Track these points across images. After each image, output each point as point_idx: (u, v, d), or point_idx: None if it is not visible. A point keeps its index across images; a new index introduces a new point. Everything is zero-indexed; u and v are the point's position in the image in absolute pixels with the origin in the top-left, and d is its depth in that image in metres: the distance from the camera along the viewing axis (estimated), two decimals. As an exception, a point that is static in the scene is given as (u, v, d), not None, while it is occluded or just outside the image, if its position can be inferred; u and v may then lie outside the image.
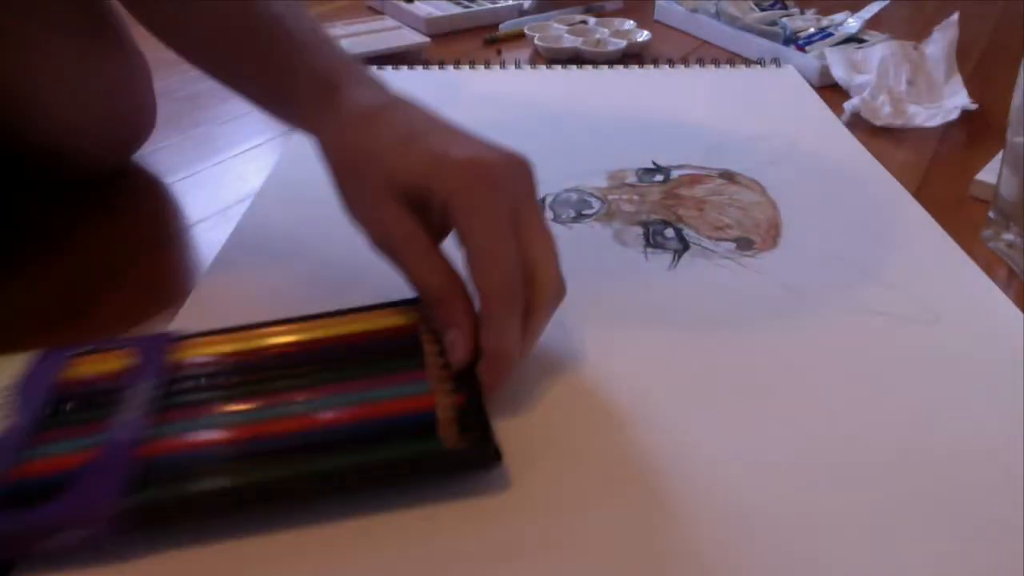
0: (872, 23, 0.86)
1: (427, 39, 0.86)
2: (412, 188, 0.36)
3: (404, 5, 0.94)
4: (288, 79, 0.42)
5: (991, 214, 0.54)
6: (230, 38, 0.44)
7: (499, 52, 0.87)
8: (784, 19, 0.88)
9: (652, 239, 0.52)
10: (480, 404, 0.36)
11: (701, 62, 0.82)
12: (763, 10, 0.90)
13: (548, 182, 0.44)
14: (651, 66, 0.82)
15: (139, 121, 0.59)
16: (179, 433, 0.34)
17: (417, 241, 0.37)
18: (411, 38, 0.86)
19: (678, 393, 0.40)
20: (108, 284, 0.49)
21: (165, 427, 0.34)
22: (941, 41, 0.75)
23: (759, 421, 0.38)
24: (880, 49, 0.75)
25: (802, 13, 0.91)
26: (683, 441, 0.37)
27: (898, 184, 0.60)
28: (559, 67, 0.81)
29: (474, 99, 0.74)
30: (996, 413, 0.39)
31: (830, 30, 0.86)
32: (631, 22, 0.91)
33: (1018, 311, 0.46)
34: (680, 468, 0.35)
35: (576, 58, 0.84)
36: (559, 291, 0.37)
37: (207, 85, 0.47)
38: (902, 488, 0.35)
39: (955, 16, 0.75)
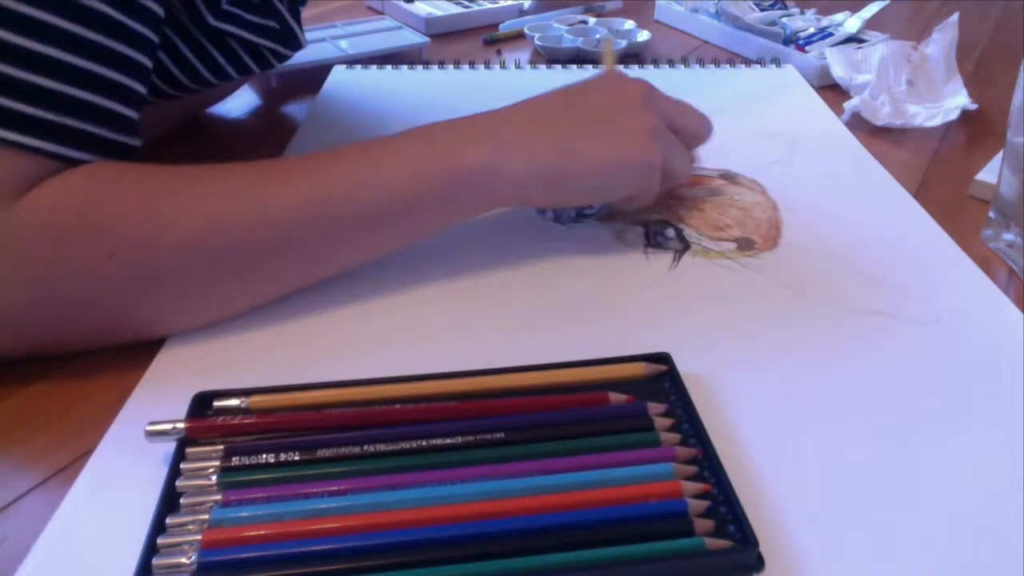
0: (872, 23, 0.86)
1: (427, 39, 0.86)
2: None
3: (404, 5, 0.94)
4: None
5: (991, 214, 0.54)
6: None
7: (499, 52, 0.87)
8: (784, 19, 0.88)
9: (653, 239, 0.52)
10: (730, 492, 0.33)
11: (701, 62, 0.82)
12: (763, 10, 0.90)
13: (548, 182, 0.44)
14: (651, 66, 0.82)
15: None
16: (372, 508, 0.32)
17: None
18: (411, 38, 0.86)
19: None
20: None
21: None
22: (941, 41, 0.75)
23: (760, 420, 0.38)
24: (880, 49, 0.75)
25: (802, 13, 0.91)
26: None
27: (898, 184, 0.60)
28: (559, 67, 0.81)
29: (474, 99, 0.74)
30: (996, 413, 0.39)
31: (830, 30, 0.86)
32: (631, 22, 0.91)
33: (1018, 311, 0.46)
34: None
35: (576, 58, 0.84)
36: None
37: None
38: (901, 487, 0.35)
39: (955, 16, 0.75)
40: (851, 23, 0.86)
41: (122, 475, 0.35)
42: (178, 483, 0.33)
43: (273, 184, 0.42)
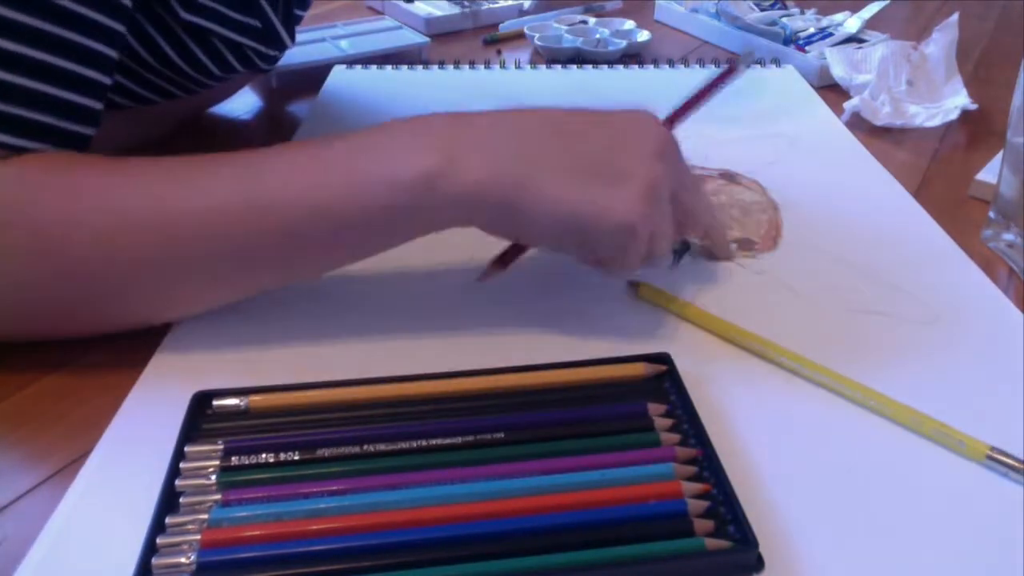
0: (872, 23, 0.86)
1: (427, 39, 0.86)
2: None
3: (404, 5, 0.94)
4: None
5: (991, 214, 0.54)
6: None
7: (499, 52, 0.87)
8: (784, 19, 0.88)
9: (652, 239, 0.52)
10: (730, 493, 0.33)
11: (701, 62, 0.82)
12: (763, 10, 0.90)
13: (548, 182, 0.43)
14: (651, 66, 0.82)
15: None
16: (370, 508, 0.32)
17: None
18: (411, 38, 0.86)
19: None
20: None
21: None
22: (941, 41, 0.75)
23: (760, 420, 0.39)
24: (880, 49, 0.75)
25: (802, 13, 0.91)
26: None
27: (898, 184, 0.60)
28: (559, 67, 0.81)
29: (474, 99, 0.74)
30: (995, 412, 0.39)
31: (830, 30, 0.86)
32: (631, 22, 0.91)
33: (1018, 311, 0.46)
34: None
35: (576, 58, 0.84)
36: None
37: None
38: (901, 487, 0.35)
39: (955, 16, 0.75)
40: (851, 23, 0.86)
41: (122, 475, 0.35)
42: (178, 483, 0.33)
43: (194, 184, 0.39)
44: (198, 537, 0.31)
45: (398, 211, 0.39)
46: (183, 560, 0.30)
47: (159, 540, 0.31)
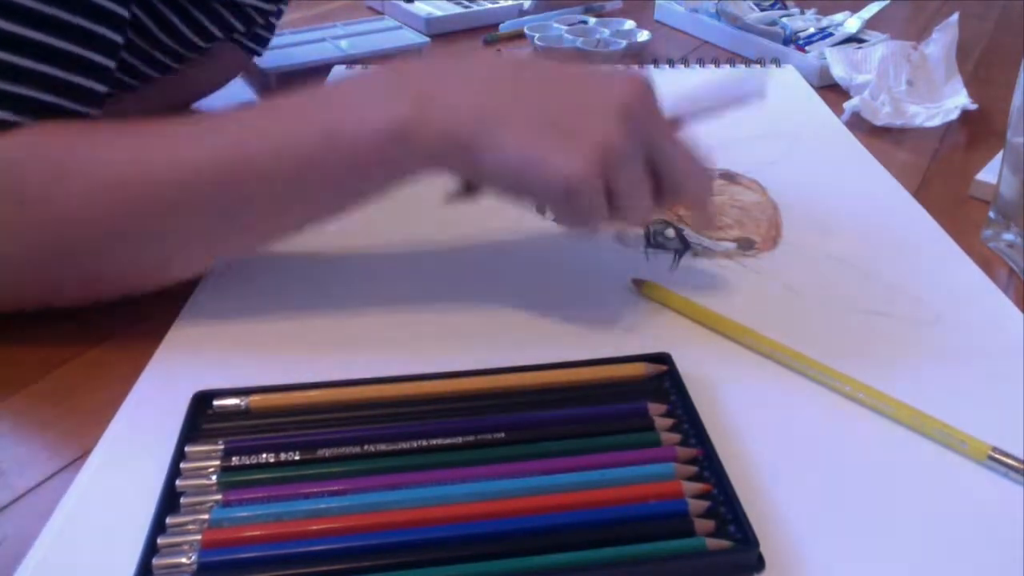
0: (872, 23, 0.86)
1: (427, 39, 0.86)
2: None
3: (404, 5, 0.94)
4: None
5: (991, 214, 0.54)
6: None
7: (499, 52, 0.87)
8: (784, 19, 0.88)
9: (653, 239, 0.52)
10: (730, 493, 0.33)
11: (701, 62, 0.82)
12: (763, 10, 0.90)
13: (548, 182, 0.43)
14: (651, 66, 0.82)
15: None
16: (369, 508, 0.32)
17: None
18: (411, 38, 0.86)
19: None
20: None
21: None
22: (941, 41, 0.75)
23: (760, 420, 0.38)
24: (880, 49, 0.75)
25: (802, 13, 0.91)
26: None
27: (898, 184, 0.60)
28: (559, 67, 0.81)
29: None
30: (996, 413, 0.39)
31: (830, 30, 0.86)
32: (631, 22, 0.91)
33: (1018, 311, 0.46)
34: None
35: (576, 58, 0.84)
36: None
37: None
38: (901, 487, 0.35)
39: (955, 16, 0.75)
40: (851, 23, 0.86)
41: (122, 475, 0.35)
42: (178, 483, 0.33)
43: (176, 143, 0.40)
44: (199, 537, 0.31)
45: (374, 160, 0.39)
46: (184, 560, 0.30)
47: (160, 540, 0.31)
